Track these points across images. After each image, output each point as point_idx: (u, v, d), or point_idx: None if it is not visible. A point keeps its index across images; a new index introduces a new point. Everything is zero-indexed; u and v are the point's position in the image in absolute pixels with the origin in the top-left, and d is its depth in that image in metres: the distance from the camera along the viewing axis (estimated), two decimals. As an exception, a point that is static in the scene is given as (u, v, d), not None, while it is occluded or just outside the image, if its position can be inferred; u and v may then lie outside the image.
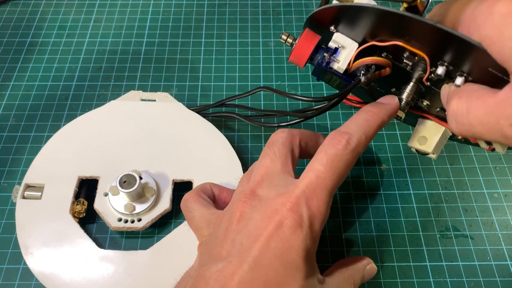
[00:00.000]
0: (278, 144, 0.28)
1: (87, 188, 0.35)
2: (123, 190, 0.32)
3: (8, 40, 0.47)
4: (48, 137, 0.37)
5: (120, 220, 0.33)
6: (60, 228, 0.33)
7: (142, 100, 0.40)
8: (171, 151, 0.37)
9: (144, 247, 0.33)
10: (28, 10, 0.50)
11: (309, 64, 0.29)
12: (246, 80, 0.44)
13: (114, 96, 0.41)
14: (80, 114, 0.39)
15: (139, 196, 0.33)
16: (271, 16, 0.49)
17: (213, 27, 0.48)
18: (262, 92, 0.42)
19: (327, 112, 0.41)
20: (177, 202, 0.35)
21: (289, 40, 0.30)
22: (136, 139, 0.37)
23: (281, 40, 0.31)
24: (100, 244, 0.33)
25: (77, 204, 0.34)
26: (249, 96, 0.42)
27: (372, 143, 0.39)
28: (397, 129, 0.40)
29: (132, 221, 0.33)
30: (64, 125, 0.38)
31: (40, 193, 0.34)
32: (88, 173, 0.35)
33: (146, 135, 0.37)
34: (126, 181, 0.33)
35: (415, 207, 0.36)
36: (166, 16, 0.49)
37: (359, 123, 0.27)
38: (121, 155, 0.36)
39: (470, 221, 0.35)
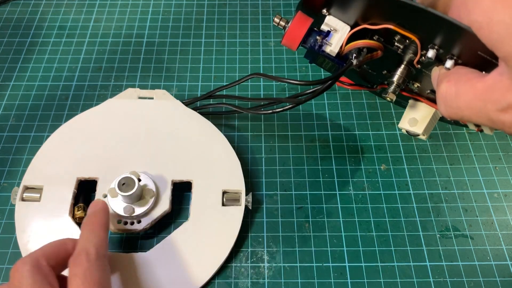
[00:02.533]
0: (26, 283, 0.24)
1: (85, 189, 0.35)
2: (122, 193, 0.32)
3: (8, 40, 0.47)
4: (48, 137, 0.37)
5: (119, 222, 0.33)
6: (59, 231, 0.33)
7: (140, 98, 0.39)
8: (170, 150, 0.36)
9: (144, 248, 0.33)
10: (28, 10, 0.50)
11: (302, 47, 0.29)
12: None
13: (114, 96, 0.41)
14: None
15: (138, 198, 0.33)
16: (271, 16, 0.49)
17: (213, 27, 0.48)
18: (262, 84, 0.42)
19: (325, 102, 0.41)
20: (177, 202, 0.35)
21: (282, 23, 0.30)
22: (135, 138, 0.37)
23: (273, 23, 0.31)
24: (100, 244, 0.33)
25: (78, 210, 0.34)
26: (249, 87, 0.42)
27: (372, 143, 0.39)
28: (396, 129, 0.40)
29: (132, 223, 0.33)
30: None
31: (39, 195, 0.34)
32: (86, 174, 0.35)
33: (144, 134, 0.37)
34: (124, 184, 0.32)
35: (415, 207, 0.36)
36: (166, 16, 0.49)
37: (87, 236, 0.28)
38: (119, 156, 0.36)
39: (470, 221, 0.35)
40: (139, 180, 0.33)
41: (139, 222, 0.33)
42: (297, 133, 0.40)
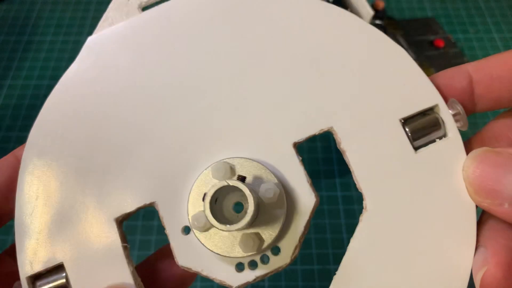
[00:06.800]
0: None
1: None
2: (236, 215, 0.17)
3: (5, 39, 0.46)
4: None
5: (241, 268, 0.17)
6: None
7: (145, 8, 0.20)
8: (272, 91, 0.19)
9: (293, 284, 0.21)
10: (25, 8, 0.49)
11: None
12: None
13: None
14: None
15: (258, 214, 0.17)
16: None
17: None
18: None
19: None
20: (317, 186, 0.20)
21: None
22: (191, 99, 0.18)
23: None
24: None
25: None
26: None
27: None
28: (398, 130, 0.40)
29: (263, 260, 0.17)
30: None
31: (63, 277, 0.17)
32: (131, 207, 0.18)
33: (205, 83, 0.19)
34: (218, 199, 0.17)
35: (416, 208, 0.36)
36: (165, 15, 0.49)
37: None
38: (179, 145, 0.18)
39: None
40: (244, 179, 0.17)
41: (276, 253, 0.18)
42: (298, 133, 0.40)
